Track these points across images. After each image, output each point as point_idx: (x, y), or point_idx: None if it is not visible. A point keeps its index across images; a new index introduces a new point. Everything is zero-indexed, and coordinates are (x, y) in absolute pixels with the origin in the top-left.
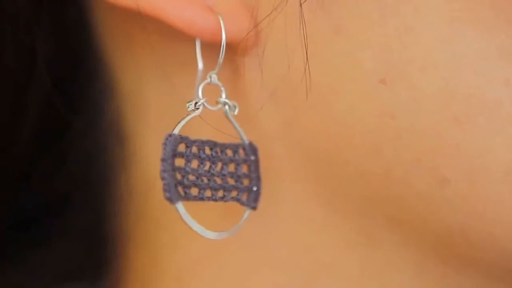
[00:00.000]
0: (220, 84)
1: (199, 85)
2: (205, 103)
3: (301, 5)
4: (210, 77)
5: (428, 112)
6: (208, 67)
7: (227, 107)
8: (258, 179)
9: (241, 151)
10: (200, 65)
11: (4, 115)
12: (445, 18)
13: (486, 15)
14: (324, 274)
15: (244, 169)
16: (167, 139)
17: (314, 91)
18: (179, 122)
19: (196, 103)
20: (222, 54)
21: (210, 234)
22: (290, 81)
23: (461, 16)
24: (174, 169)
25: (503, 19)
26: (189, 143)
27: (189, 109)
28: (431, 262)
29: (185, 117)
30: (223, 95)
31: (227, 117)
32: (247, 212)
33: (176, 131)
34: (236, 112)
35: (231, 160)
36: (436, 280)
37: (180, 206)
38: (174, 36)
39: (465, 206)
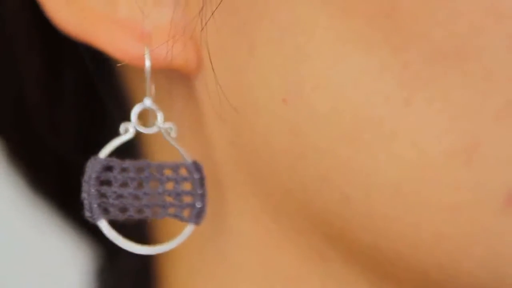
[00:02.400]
0: (155, 108)
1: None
2: (137, 127)
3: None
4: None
5: (324, 131)
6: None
7: (162, 130)
8: (202, 195)
9: (182, 169)
10: (148, 91)
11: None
12: (330, 38)
13: (365, 34)
14: (289, 287)
15: (185, 186)
16: (91, 162)
17: (242, 111)
18: (105, 146)
19: (126, 127)
20: (148, 80)
21: (141, 250)
22: (228, 101)
23: (343, 36)
24: (99, 190)
25: (380, 37)
26: (116, 165)
27: (121, 133)
28: (379, 279)
29: (112, 141)
30: (159, 119)
31: (166, 138)
32: (190, 227)
33: (101, 155)
34: (172, 135)
35: (169, 179)
36: None
37: (104, 224)
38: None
39: (369, 224)
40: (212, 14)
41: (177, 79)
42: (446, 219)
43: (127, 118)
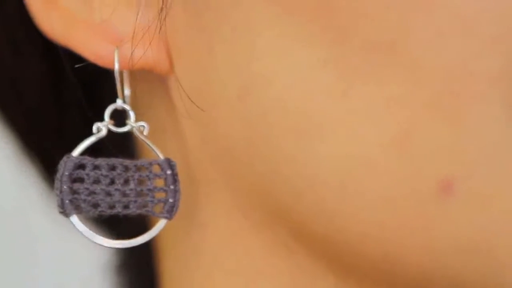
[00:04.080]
0: (127, 108)
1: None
2: (110, 126)
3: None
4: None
5: (274, 126)
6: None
7: (134, 128)
8: (174, 191)
9: (155, 167)
10: (127, 92)
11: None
12: (275, 36)
13: (306, 29)
14: (261, 279)
15: (158, 183)
16: (64, 160)
17: (207, 110)
18: (79, 145)
19: (98, 126)
20: (117, 82)
21: (113, 244)
22: (195, 100)
23: (286, 32)
24: (71, 187)
25: (319, 32)
26: (88, 163)
27: (94, 132)
28: (343, 270)
29: (86, 140)
30: (132, 118)
31: (138, 137)
32: (162, 222)
33: (74, 154)
34: (145, 133)
35: (142, 176)
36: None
37: (75, 219)
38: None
39: (319, 216)
40: (164, 18)
41: (154, 80)
42: (386, 210)
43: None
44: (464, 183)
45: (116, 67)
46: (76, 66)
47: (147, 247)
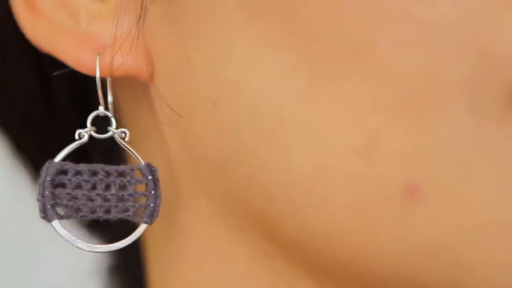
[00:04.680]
0: (109, 114)
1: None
2: (92, 133)
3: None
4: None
5: (247, 132)
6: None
7: (116, 135)
8: (155, 196)
9: (136, 172)
10: (110, 98)
11: None
12: (247, 43)
13: (276, 37)
14: (242, 283)
15: (139, 188)
16: (46, 166)
17: (185, 116)
18: (61, 152)
19: (80, 133)
20: (99, 89)
21: (97, 249)
22: (174, 107)
23: (258, 40)
24: (53, 192)
25: (288, 40)
26: (70, 168)
27: (76, 139)
28: (319, 274)
29: (69, 146)
30: (113, 124)
31: (119, 143)
32: (142, 226)
33: (56, 159)
34: (127, 139)
35: (122, 182)
36: None
37: (57, 224)
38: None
39: (291, 220)
40: (142, 26)
41: (138, 87)
42: (353, 215)
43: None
44: (430, 187)
45: (97, 74)
46: (55, 73)
47: (138, 251)
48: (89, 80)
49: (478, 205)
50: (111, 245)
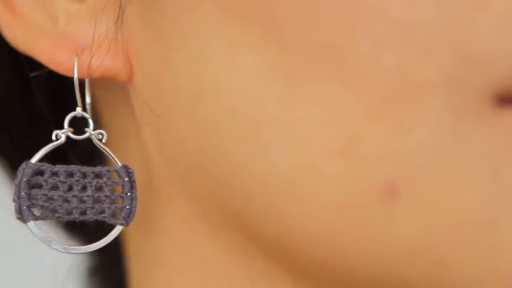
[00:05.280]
0: (87, 115)
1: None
2: (69, 134)
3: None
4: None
5: (225, 132)
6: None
7: (93, 136)
8: (131, 198)
9: (114, 174)
10: (88, 99)
11: None
12: (224, 44)
13: (253, 37)
14: (221, 284)
15: (115, 190)
16: (22, 167)
17: (164, 117)
18: (38, 152)
19: (57, 134)
20: (76, 90)
21: (73, 250)
22: (153, 107)
23: (235, 40)
24: (29, 193)
25: (266, 40)
26: (47, 169)
27: (53, 139)
28: (299, 273)
29: (45, 147)
30: (91, 126)
31: (96, 144)
32: (117, 228)
33: (33, 160)
34: (104, 140)
35: (99, 183)
36: None
37: (32, 225)
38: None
39: (269, 219)
40: (119, 27)
41: (116, 88)
42: (332, 215)
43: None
44: (407, 188)
45: (75, 75)
46: (32, 74)
47: (118, 252)
48: (67, 81)
49: (456, 205)
50: (87, 246)
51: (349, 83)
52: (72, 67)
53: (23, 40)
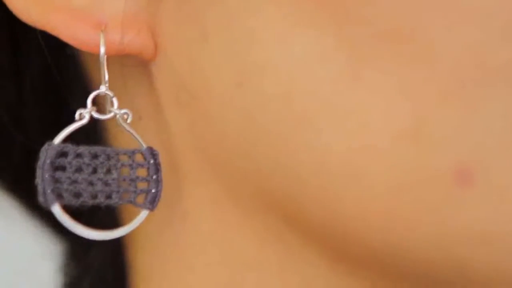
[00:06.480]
0: (110, 94)
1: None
2: (93, 113)
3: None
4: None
5: (276, 114)
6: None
7: (118, 116)
8: (157, 181)
9: (138, 156)
10: (103, 77)
11: None
12: (279, 21)
13: (313, 15)
14: (247, 269)
15: (141, 172)
16: (45, 148)
17: (198, 96)
18: (61, 132)
19: (81, 113)
20: (104, 66)
21: (94, 235)
22: (184, 86)
23: (292, 18)
24: (53, 175)
25: (328, 18)
26: (71, 150)
27: (76, 119)
28: (336, 257)
29: (68, 127)
30: (115, 105)
31: (120, 125)
32: (144, 213)
33: (56, 141)
34: (129, 121)
35: (124, 165)
36: (347, 275)
37: (56, 209)
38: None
39: (321, 204)
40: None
41: (132, 66)
42: (394, 199)
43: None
44: (483, 174)
45: (102, 51)
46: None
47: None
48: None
49: None
50: (112, 232)
51: (417, 64)
52: (95, 43)
53: (38, 16)
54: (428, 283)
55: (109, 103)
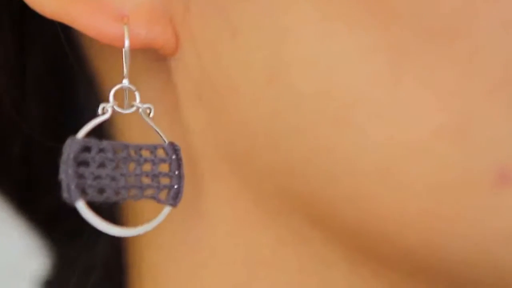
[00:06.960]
0: (133, 88)
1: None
2: (115, 107)
3: None
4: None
5: (309, 113)
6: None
7: (141, 110)
8: (179, 177)
9: (160, 151)
10: (125, 70)
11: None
12: (315, 18)
13: (352, 13)
14: (265, 269)
15: (163, 168)
16: (68, 142)
17: (222, 93)
18: (84, 127)
19: (104, 107)
20: (126, 60)
21: (118, 232)
22: (208, 82)
23: (330, 15)
24: (77, 171)
25: (368, 16)
26: (94, 145)
27: (99, 113)
28: (360, 258)
29: (91, 121)
30: (137, 99)
31: (144, 119)
32: (167, 209)
33: (79, 136)
34: (151, 115)
35: (146, 160)
36: (368, 276)
37: (80, 205)
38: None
39: (354, 204)
40: None
41: (152, 61)
42: (433, 198)
43: (97, 99)
44: None
45: (127, 44)
46: None
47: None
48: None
49: None
50: (132, 229)
51: (463, 63)
52: (115, 36)
53: (55, 8)
54: (456, 283)
55: (126, 97)
